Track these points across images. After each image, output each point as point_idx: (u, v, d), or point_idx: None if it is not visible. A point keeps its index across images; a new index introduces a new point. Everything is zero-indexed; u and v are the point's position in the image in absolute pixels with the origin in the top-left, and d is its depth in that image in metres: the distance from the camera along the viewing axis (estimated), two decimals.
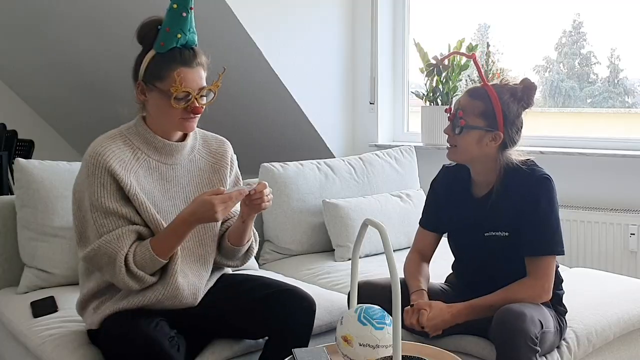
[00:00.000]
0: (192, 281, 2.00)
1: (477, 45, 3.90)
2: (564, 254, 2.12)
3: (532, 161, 2.13)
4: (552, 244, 2.06)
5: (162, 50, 1.91)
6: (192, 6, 1.91)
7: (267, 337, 2.07)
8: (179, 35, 1.89)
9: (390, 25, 4.31)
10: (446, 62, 3.81)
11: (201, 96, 1.92)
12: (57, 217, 2.51)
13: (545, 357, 2.09)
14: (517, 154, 2.13)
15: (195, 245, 2.01)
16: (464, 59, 3.89)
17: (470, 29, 4.37)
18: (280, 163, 3.21)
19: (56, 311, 2.29)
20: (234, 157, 2.16)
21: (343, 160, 3.41)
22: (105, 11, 4.23)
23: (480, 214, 2.13)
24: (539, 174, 2.08)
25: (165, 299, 1.94)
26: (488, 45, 3.83)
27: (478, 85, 2.15)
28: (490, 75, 3.69)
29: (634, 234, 3.40)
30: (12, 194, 3.37)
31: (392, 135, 4.41)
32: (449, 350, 1.86)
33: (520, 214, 2.06)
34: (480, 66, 3.75)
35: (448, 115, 2.13)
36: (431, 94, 3.96)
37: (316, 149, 4.32)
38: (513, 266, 2.08)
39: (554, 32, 4.20)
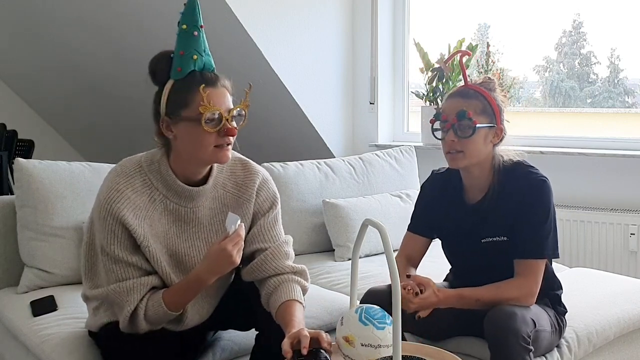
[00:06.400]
0: (204, 315, 1.99)
1: (477, 45, 3.90)
2: (557, 257, 2.10)
3: (527, 162, 2.11)
4: (542, 248, 2.04)
5: (181, 75, 1.78)
6: (202, 24, 1.80)
7: (256, 332, 2.03)
8: (195, 57, 1.77)
9: (390, 25, 4.32)
10: (448, 64, 3.81)
11: (232, 117, 1.79)
12: (57, 216, 2.51)
13: (545, 357, 2.09)
14: (512, 153, 2.12)
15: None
16: (464, 59, 3.88)
17: (470, 29, 4.37)
18: (280, 163, 3.21)
19: (55, 310, 2.29)
20: (263, 185, 1.99)
21: (343, 160, 3.41)
22: (107, 13, 4.22)
23: (476, 221, 2.11)
24: (536, 176, 2.06)
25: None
26: (488, 45, 3.83)
27: (458, 87, 2.14)
28: (490, 75, 3.69)
29: (634, 234, 3.40)
30: (12, 194, 3.37)
31: (392, 135, 4.41)
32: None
33: (517, 217, 2.04)
34: (480, 66, 3.76)
35: (442, 123, 2.07)
36: (431, 94, 3.96)
37: (316, 149, 4.32)
38: (511, 271, 2.06)
39: (554, 32, 4.21)
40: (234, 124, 1.81)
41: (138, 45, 4.30)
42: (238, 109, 1.81)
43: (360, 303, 2.15)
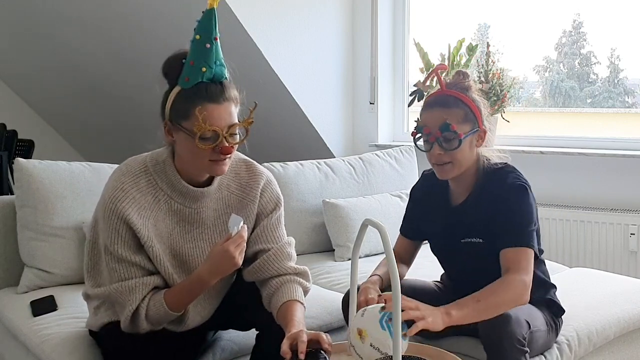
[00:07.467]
0: (205, 315, 1.99)
1: (477, 45, 3.89)
2: (539, 254, 2.04)
3: (510, 166, 2.09)
4: (527, 238, 1.98)
5: (187, 85, 1.77)
6: (217, 36, 1.78)
7: (257, 332, 2.03)
8: (204, 69, 1.76)
9: (390, 25, 4.32)
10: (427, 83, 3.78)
11: (231, 134, 1.79)
12: (57, 216, 2.51)
13: (545, 356, 2.09)
14: (495, 155, 2.10)
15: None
16: (463, 59, 3.88)
17: (470, 29, 4.37)
18: (280, 163, 3.21)
19: (55, 310, 2.29)
20: (267, 186, 2.00)
21: (343, 160, 3.41)
22: (107, 13, 4.23)
23: (457, 221, 2.11)
24: (514, 181, 2.03)
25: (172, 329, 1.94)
26: (488, 45, 3.82)
27: (435, 95, 2.07)
28: (490, 75, 3.69)
29: (634, 234, 3.40)
30: (12, 194, 3.37)
31: (392, 135, 4.41)
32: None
33: (494, 220, 2.01)
34: (480, 66, 3.76)
35: (425, 136, 2.03)
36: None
37: (316, 149, 4.32)
38: (492, 271, 2.00)
39: (554, 32, 4.21)
40: (236, 138, 1.81)
41: (138, 45, 4.30)
42: (239, 126, 1.81)
43: (342, 302, 2.16)
